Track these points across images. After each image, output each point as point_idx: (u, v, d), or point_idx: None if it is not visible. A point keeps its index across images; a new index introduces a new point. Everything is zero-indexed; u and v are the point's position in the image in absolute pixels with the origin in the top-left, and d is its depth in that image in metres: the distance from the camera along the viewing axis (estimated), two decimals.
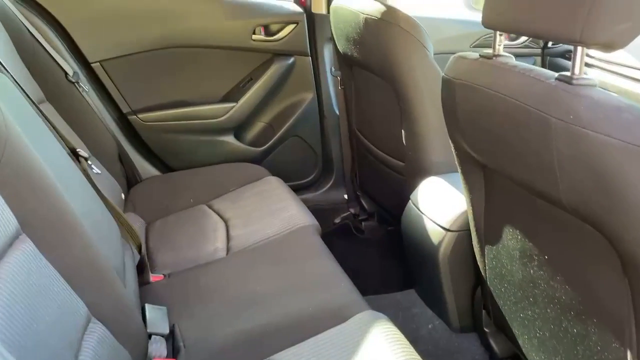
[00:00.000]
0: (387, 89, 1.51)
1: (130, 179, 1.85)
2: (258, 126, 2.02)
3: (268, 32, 1.89)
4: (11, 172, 0.81)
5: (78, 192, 1.10)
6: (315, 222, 1.56)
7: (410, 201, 1.44)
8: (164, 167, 1.94)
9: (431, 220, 1.32)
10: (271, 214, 1.58)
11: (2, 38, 1.37)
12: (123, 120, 1.84)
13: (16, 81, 1.13)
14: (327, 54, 1.95)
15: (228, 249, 1.48)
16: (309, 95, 1.99)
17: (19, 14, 1.52)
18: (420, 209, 1.38)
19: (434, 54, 1.47)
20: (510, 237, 1.04)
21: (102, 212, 1.21)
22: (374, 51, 1.49)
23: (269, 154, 2.05)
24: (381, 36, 1.43)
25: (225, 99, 1.94)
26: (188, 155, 1.94)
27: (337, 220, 2.15)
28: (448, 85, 0.96)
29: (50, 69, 1.56)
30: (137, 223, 1.65)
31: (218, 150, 1.96)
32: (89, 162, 1.28)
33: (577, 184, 0.74)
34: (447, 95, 0.98)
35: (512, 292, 1.11)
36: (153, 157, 1.92)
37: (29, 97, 1.15)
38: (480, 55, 0.91)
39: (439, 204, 1.34)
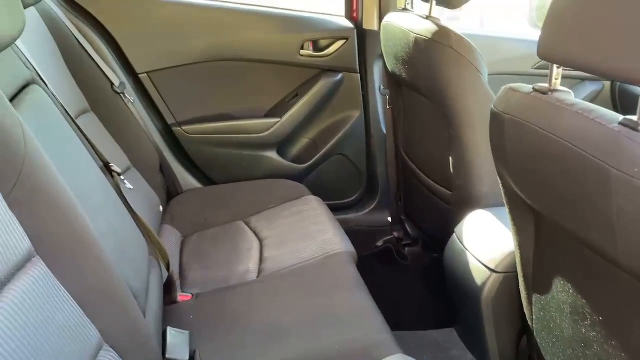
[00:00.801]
0: (436, 113, 1.43)
1: (171, 191, 1.84)
2: (302, 142, 1.97)
3: (317, 48, 1.84)
4: (27, 192, 0.79)
5: (103, 210, 1.08)
6: (352, 249, 1.48)
7: (454, 234, 1.35)
8: (206, 179, 1.92)
9: (475, 258, 1.22)
10: (307, 236, 1.53)
11: (50, 47, 1.39)
12: (167, 132, 1.84)
13: (52, 93, 1.13)
14: (376, 71, 1.88)
15: (260, 271, 1.43)
16: (356, 113, 1.92)
17: (69, 23, 1.54)
18: (465, 244, 1.28)
19: (492, 75, 1.37)
20: (561, 290, 0.93)
21: (130, 229, 1.19)
22: (424, 73, 1.41)
23: (312, 171, 1.99)
24: (432, 58, 1.34)
25: (270, 114, 1.91)
26: (230, 169, 1.92)
27: (379, 244, 2.07)
28: (497, 119, 0.87)
29: (97, 78, 1.57)
30: (173, 236, 1.64)
31: (260, 165, 1.92)
32: (122, 177, 1.26)
33: (638, 245, 0.64)
34: (496, 130, 0.89)
35: (561, 349, 0.99)
36: (195, 169, 1.91)
37: (64, 109, 1.14)
38: (534, 88, 0.82)
39: (485, 241, 1.23)
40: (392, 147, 1.87)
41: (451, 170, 1.45)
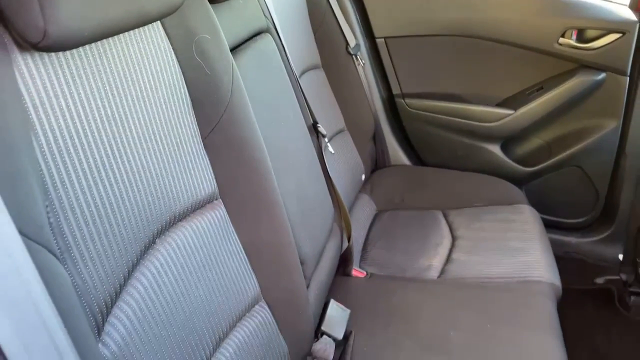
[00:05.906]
0: None
1: (378, 161, 1.80)
2: (533, 143, 1.72)
3: (581, 38, 1.55)
4: (223, 138, 0.81)
5: (297, 170, 1.07)
6: (558, 282, 1.25)
7: None
8: (416, 157, 1.83)
9: None
10: (506, 250, 1.34)
11: (298, 2, 1.42)
12: (389, 101, 1.78)
13: (283, 45, 1.14)
14: None
15: (442, 272, 1.31)
16: (611, 123, 1.59)
17: None
18: None
19: None
20: None
21: (319, 194, 1.17)
22: None
23: (537, 177, 1.73)
24: None
25: (504, 103, 1.69)
26: (444, 153, 1.79)
27: (599, 281, 1.74)
28: None
29: (334, 36, 1.57)
30: (367, 208, 1.61)
31: (478, 157, 1.74)
32: (327, 139, 1.24)
33: None
34: None
35: None
36: (408, 145, 1.82)
37: (289, 63, 1.15)
38: None
39: None
40: None
41: None
